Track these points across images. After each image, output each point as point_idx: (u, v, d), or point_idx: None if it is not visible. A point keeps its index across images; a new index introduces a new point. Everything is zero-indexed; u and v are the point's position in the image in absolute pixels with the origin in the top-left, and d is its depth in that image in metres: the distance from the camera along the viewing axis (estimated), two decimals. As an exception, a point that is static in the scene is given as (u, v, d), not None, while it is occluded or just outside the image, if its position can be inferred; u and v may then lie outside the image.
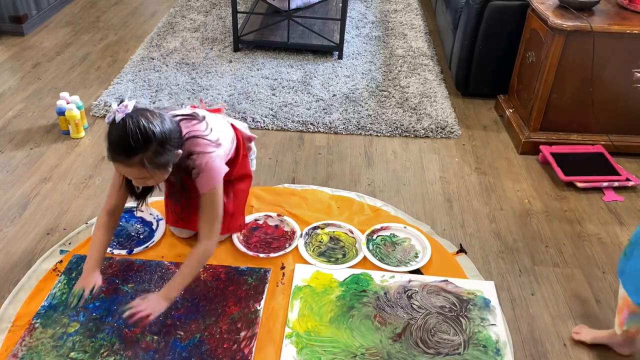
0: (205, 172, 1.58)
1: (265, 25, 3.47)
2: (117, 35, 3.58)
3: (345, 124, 2.69)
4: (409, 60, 3.34)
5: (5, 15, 3.42)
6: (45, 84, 2.97)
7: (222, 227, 1.90)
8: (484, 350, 1.62)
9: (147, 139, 1.41)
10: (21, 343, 1.57)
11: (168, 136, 1.46)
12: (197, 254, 1.63)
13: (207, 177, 1.59)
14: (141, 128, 1.40)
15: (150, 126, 1.42)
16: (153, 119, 1.44)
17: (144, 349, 1.58)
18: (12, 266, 1.86)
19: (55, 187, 2.23)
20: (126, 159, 1.42)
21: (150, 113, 1.46)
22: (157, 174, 1.50)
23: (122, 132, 1.40)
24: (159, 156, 1.45)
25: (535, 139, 2.53)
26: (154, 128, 1.42)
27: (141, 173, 1.46)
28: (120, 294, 1.74)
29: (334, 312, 1.72)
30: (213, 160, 1.60)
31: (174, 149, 1.50)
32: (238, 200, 1.95)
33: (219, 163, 1.63)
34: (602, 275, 1.94)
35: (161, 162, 1.47)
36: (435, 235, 2.06)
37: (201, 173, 1.58)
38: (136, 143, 1.40)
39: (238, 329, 1.65)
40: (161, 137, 1.44)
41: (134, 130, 1.39)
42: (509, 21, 2.71)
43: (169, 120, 1.50)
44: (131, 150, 1.40)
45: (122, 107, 1.41)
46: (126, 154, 1.41)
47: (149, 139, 1.41)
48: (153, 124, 1.43)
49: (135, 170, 1.45)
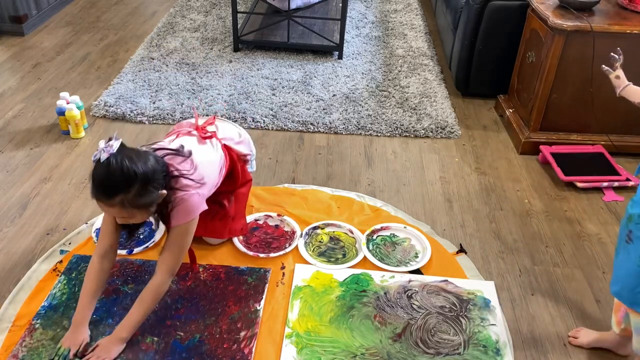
0: (181, 206, 1.55)
1: (265, 25, 3.47)
2: (117, 35, 3.58)
3: (345, 124, 2.69)
4: (409, 60, 3.34)
5: (5, 15, 3.42)
6: (45, 84, 2.97)
7: (223, 227, 1.90)
8: (484, 350, 1.62)
9: (129, 180, 1.40)
10: (21, 344, 1.57)
11: (151, 177, 1.44)
12: (151, 290, 1.57)
13: (182, 212, 1.56)
14: (124, 169, 1.39)
15: (133, 167, 1.40)
16: (137, 159, 1.42)
17: (144, 350, 1.58)
18: (12, 266, 1.86)
19: (55, 187, 2.23)
20: (107, 198, 1.41)
21: (136, 153, 1.44)
22: (138, 213, 1.48)
23: (105, 172, 1.39)
24: (140, 197, 1.43)
25: (535, 139, 2.53)
26: (136, 169, 1.40)
27: (122, 213, 1.45)
28: (120, 295, 1.74)
29: (334, 312, 1.72)
30: (191, 196, 1.56)
31: (156, 190, 1.47)
32: (239, 203, 1.95)
33: (197, 200, 1.58)
34: (602, 275, 1.94)
35: (142, 203, 1.45)
36: (435, 235, 2.06)
37: (176, 207, 1.55)
38: (118, 184, 1.39)
39: (238, 329, 1.65)
40: (143, 178, 1.42)
41: (117, 171, 1.38)
42: (509, 21, 2.71)
43: (153, 160, 1.48)
44: (112, 191, 1.39)
45: (107, 147, 1.40)
46: (107, 194, 1.40)
47: (131, 180, 1.40)
48: (136, 165, 1.41)
49: (116, 210, 1.44)
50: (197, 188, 1.58)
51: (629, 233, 1.40)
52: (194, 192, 1.57)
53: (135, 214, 1.47)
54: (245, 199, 1.98)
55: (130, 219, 1.50)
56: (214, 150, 1.76)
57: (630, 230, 1.40)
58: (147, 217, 1.53)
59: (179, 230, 1.58)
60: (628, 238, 1.41)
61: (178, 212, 1.56)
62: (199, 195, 1.59)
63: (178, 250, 1.59)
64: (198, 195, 1.58)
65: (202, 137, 1.75)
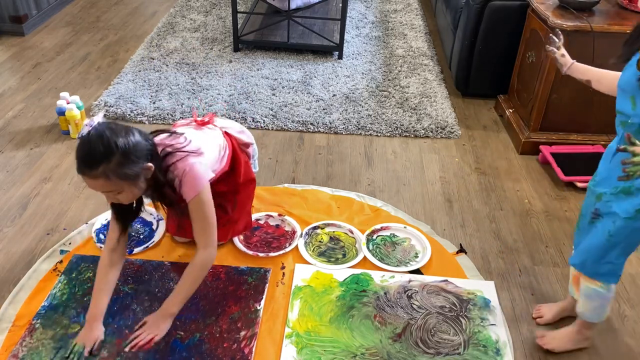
0: (186, 178, 1.55)
1: (265, 25, 3.47)
2: (117, 35, 3.58)
3: (345, 124, 2.69)
4: (409, 60, 3.34)
5: (5, 15, 3.42)
6: (45, 84, 2.97)
7: (226, 232, 1.90)
8: (484, 350, 1.62)
9: (109, 148, 1.39)
10: (22, 344, 1.57)
11: (132, 148, 1.43)
12: (196, 264, 1.59)
13: (189, 183, 1.55)
14: (104, 139, 1.39)
15: (113, 137, 1.40)
16: (117, 131, 1.43)
17: (144, 349, 1.58)
18: (12, 266, 1.86)
19: (55, 187, 2.23)
20: (89, 170, 1.40)
21: (116, 125, 1.45)
22: (125, 186, 1.46)
23: (85, 143, 1.39)
24: (123, 167, 1.42)
25: (535, 139, 2.53)
26: (116, 139, 1.40)
27: (107, 186, 1.44)
28: (120, 295, 1.74)
29: (334, 312, 1.72)
30: (192, 165, 1.56)
31: (140, 161, 1.46)
32: (243, 206, 1.95)
33: (200, 168, 1.57)
34: (602, 275, 1.94)
35: (126, 174, 1.44)
36: (435, 235, 2.06)
37: (182, 180, 1.55)
38: (98, 154, 1.38)
39: (238, 328, 1.65)
40: (124, 147, 1.41)
41: (97, 141, 1.38)
42: (509, 21, 2.71)
43: (137, 134, 1.48)
44: (93, 162, 1.39)
45: (90, 121, 1.41)
46: (89, 166, 1.40)
47: (111, 149, 1.39)
48: (116, 134, 1.41)
49: (101, 183, 1.42)
50: (195, 157, 1.58)
51: (595, 211, 1.47)
52: (194, 160, 1.57)
53: (122, 187, 1.45)
54: (249, 201, 1.98)
55: (118, 194, 1.48)
56: (211, 132, 1.76)
57: (597, 208, 1.47)
58: (135, 192, 1.51)
59: (194, 204, 1.57)
60: (595, 215, 1.48)
61: (185, 185, 1.55)
62: (200, 163, 1.58)
63: (204, 223, 1.60)
64: (199, 164, 1.58)
65: (199, 123, 1.77)
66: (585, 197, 1.57)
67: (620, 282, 1.91)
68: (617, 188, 1.41)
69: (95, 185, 1.45)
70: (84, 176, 1.43)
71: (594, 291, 1.53)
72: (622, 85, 1.37)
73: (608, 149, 1.50)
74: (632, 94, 1.31)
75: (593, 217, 1.49)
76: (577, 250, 1.56)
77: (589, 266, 1.51)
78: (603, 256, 1.47)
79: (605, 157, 1.49)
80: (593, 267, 1.50)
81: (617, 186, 1.41)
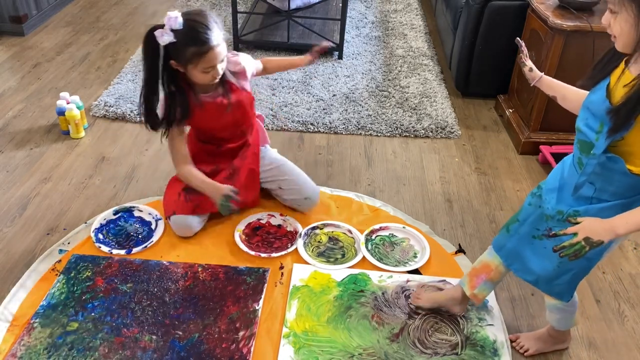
0: (239, 59, 1.97)
1: (265, 25, 3.47)
2: (117, 35, 3.59)
3: (345, 124, 2.69)
4: (409, 60, 3.34)
5: (5, 15, 3.43)
6: (45, 84, 2.98)
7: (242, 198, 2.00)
8: (481, 350, 1.62)
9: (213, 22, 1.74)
10: (20, 342, 1.58)
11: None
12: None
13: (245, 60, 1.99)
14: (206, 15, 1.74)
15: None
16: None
17: (143, 348, 1.58)
18: (12, 266, 1.86)
19: (55, 187, 2.24)
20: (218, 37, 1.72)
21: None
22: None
23: (199, 24, 1.68)
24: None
25: (535, 139, 2.52)
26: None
27: (223, 50, 1.78)
28: (119, 294, 1.74)
29: (332, 312, 1.72)
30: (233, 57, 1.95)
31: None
32: (248, 176, 2.04)
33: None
34: (602, 275, 1.94)
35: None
36: (434, 235, 2.05)
37: (237, 66, 1.94)
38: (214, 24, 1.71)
39: (236, 328, 1.65)
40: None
41: (201, 18, 1.71)
42: (509, 21, 2.70)
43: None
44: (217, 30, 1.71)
45: (173, 19, 1.65)
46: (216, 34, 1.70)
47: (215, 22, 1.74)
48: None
49: (223, 47, 1.75)
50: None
51: (548, 231, 1.37)
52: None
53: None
54: (255, 174, 2.08)
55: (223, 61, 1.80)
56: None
57: (550, 227, 1.37)
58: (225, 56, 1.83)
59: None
60: (547, 233, 1.37)
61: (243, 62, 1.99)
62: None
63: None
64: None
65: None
66: (526, 202, 1.49)
67: (620, 282, 1.91)
68: (562, 215, 1.34)
69: (221, 52, 1.76)
70: (215, 48, 1.72)
71: (554, 306, 1.53)
72: (588, 104, 1.29)
73: (564, 160, 1.42)
74: (601, 121, 1.23)
75: (545, 235, 1.40)
76: (527, 267, 1.47)
77: (541, 284, 1.46)
78: (554, 279, 1.42)
79: (558, 168, 1.42)
80: (546, 286, 1.46)
81: (562, 214, 1.34)
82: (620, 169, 1.22)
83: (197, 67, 1.73)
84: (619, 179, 1.24)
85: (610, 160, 1.22)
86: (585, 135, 1.28)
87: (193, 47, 1.68)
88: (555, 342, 1.65)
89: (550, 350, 1.66)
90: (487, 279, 1.59)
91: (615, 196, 1.27)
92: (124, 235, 1.98)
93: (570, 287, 1.44)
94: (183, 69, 1.76)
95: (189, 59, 1.71)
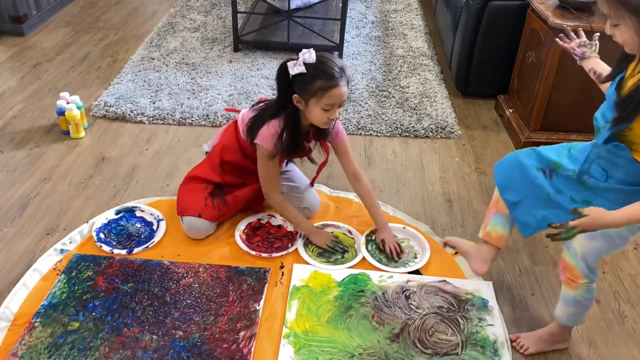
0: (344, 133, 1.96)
1: (265, 25, 3.47)
2: (117, 35, 3.59)
3: (345, 124, 2.69)
4: (409, 60, 3.34)
5: (5, 15, 3.43)
6: (45, 84, 2.98)
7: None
8: (481, 350, 1.62)
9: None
10: (21, 342, 1.58)
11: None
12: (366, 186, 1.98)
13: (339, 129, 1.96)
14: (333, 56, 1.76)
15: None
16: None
17: (143, 348, 1.58)
18: (12, 266, 1.86)
19: (55, 187, 2.24)
20: (344, 79, 1.74)
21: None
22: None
23: (330, 61, 1.72)
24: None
25: (535, 139, 2.52)
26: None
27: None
28: (119, 294, 1.74)
29: (332, 312, 1.72)
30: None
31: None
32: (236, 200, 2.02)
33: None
34: (602, 275, 1.94)
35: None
36: (434, 235, 2.06)
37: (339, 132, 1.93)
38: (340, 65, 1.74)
39: (237, 329, 1.65)
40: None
41: (333, 58, 1.75)
42: (509, 21, 2.71)
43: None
44: (345, 72, 1.74)
45: (307, 53, 1.69)
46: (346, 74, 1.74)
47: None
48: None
49: (346, 92, 1.76)
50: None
51: (551, 172, 1.50)
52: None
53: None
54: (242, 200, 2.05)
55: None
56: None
57: (555, 170, 1.49)
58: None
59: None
60: (549, 174, 1.49)
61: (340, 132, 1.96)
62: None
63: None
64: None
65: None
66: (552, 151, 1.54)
67: (620, 282, 1.91)
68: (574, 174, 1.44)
69: (345, 89, 1.76)
70: (340, 86, 1.74)
71: (572, 298, 1.53)
72: (607, 96, 1.41)
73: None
74: (612, 111, 1.34)
75: (546, 175, 1.50)
76: (517, 188, 1.53)
77: (520, 210, 1.52)
78: (537, 209, 1.48)
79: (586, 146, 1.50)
80: (523, 212, 1.51)
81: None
82: (626, 156, 1.32)
83: (320, 102, 1.71)
84: (625, 165, 1.33)
85: (617, 147, 1.33)
86: (598, 124, 1.39)
87: (321, 80, 1.69)
88: (556, 341, 1.66)
89: (550, 350, 1.66)
90: (497, 211, 1.63)
91: (625, 183, 1.36)
92: (126, 235, 1.98)
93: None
94: (304, 104, 1.74)
95: (314, 92, 1.70)
